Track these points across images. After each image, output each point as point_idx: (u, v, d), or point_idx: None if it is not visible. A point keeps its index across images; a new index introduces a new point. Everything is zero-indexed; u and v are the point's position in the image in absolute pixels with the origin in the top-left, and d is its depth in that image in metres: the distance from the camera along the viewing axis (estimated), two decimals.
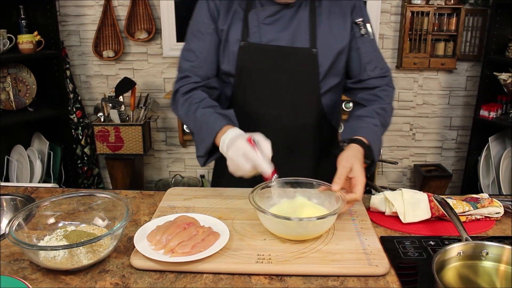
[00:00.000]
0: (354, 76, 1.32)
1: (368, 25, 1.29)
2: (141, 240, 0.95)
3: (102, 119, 3.01)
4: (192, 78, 1.28)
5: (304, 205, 1.07)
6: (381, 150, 3.04)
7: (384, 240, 1.01)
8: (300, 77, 1.27)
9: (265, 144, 1.05)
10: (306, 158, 1.35)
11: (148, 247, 0.93)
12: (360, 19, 1.28)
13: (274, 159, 1.12)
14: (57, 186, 1.46)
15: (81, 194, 1.06)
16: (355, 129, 1.20)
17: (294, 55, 1.25)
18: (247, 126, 1.23)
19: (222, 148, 1.10)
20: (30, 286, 0.81)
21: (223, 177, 1.35)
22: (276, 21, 1.24)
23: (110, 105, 2.97)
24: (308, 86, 1.28)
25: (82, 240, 0.92)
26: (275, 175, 1.05)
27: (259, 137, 1.07)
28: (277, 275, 0.88)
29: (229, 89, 1.34)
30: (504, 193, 2.72)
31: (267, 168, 1.03)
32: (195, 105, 1.23)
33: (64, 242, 0.93)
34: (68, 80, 3.06)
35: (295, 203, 1.09)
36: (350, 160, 1.07)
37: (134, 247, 0.93)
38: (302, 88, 1.28)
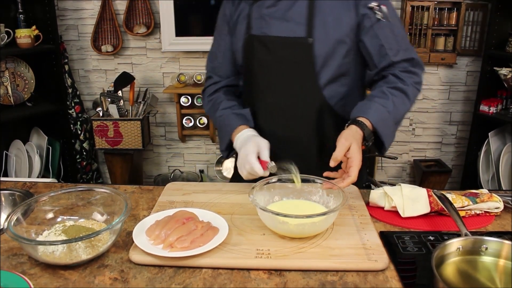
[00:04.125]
0: (376, 66, 1.26)
1: (384, 8, 1.21)
2: (140, 235, 0.95)
3: (101, 114, 3.00)
4: (214, 78, 1.42)
5: (303, 204, 1.07)
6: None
7: (383, 235, 1.00)
8: (297, 68, 1.26)
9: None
10: (307, 150, 1.31)
11: (147, 242, 0.93)
12: (375, 3, 1.21)
13: (276, 148, 1.24)
14: (56, 181, 1.45)
15: (80, 189, 1.06)
16: (362, 110, 1.19)
17: (290, 45, 1.24)
18: (252, 114, 1.35)
19: (235, 146, 1.25)
20: (28, 281, 0.81)
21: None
22: (275, 12, 1.24)
23: (109, 99, 2.96)
24: (305, 76, 1.26)
25: (81, 235, 0.92)
26: (270, 163, 1.14)
27: (265, 152, 1.17)
28: (276, 270, 0.88)
29: (241, 80, 1.40)
30: (503, 188, 2.72)
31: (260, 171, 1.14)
32: (216, 106, 1.37)
33: (63, 237, 0.93)
34: (66, 74, 3.05)
35: (295, 202, 1.09)
36: (350, 139, 1.09)
37: (133, 242, 0.93)
38: (299, 78, 1.26)
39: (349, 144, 1.08)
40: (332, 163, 1.07)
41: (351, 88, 1.31)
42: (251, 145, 1.16)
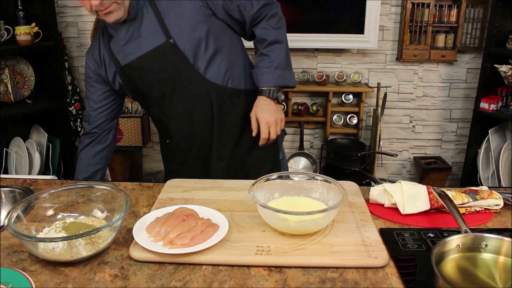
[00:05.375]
0: (245, 23, 1.41)
1: None
2: (140, 232, 0.95)
3: None
4: (88, 125, 1.54)
5: (304, 201, 1.07)
6: (381, 140, 3.03)
7: (383, 232, 1.01)
8: (175, 70, 1.36)
9: None
10: (217, 137, 1.45)
11: (147, 239, 0.93)
12: None
13: (189, 146, 1.47)
14: (56, 178, 1.45)
15: (80, 186, 1.06)
16: (257, 80, 1.41)
17: (158, 55, 1.35)
18: (160, 129, 1.56)
19: None
20: (29, 278, 0.81)
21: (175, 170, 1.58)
22: (130, 36, 1.36)
23: None
24: (186, 74, 1.37)
25: (81, 232, 0.92)
26: None
27: None
28: (276, 267, 0.88)
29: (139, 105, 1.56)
30: (503, 186, 2.72)
31: None
32: (78, 164, 1.55)
33: (63, 234, 0.93)
34: (66, 72, 3.04)
35: (295, 199, 1.09)
36: (253, 110, 1.39)
37: (133, 239, 0.93)
38: (182, 78, 1.38)
39: (254, 115, 1.37)
40: (254, 134, 1.39)
41: (230, 59, 1.43)
42: None
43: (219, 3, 1.35)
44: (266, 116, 1.36)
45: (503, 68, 2.70)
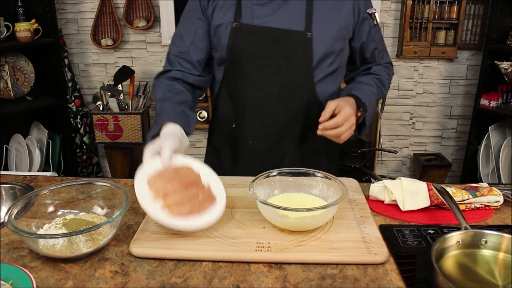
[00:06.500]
0: (367, 63, 1.37)
1: (377, 15, 1.33)
2: (143, 183, 0.98)
3: (101, 108, 3.00)
4: (178, 65, 1.30)
5: (304, 197, 1.07)
6: (381, 137, 3.04)
7: (383, 229, 1.01)
8: (292, 61, 1.24)
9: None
10: (292, 146, 1.32)
11: (147, 193, 0.95)
12: (373, 10, 1.31)
13: (258, 142, 1.31)
14: (56, 174, 1.46)
15: (80, 182, 1.06)
16: (350, 89, 1.28)
17: (286, 38, 1.22)
18: (235, 108, 1.32)
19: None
20: (29, 274, 0.81)
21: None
22: (270, 2, 1.21)
23: (109, 93, 2.95)
24: (300, 71, 1.24)
25: (81, 228, 0.92)
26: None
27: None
28: (276, 263, 0.88)
29: (220, 72, 1.32)
30: (503, 182, 2.72)
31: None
32: (170, 93, 1.25)
33: (63, 230, 0.93)
34: (66, 68, 3.04)
35: (295, 196, 1.09)
36: (337, 100, 1.16)
37: (133, 235, 0.93)
38: (294, 72, 1.25)
39: (336, 103, 1.13)
40: (321, 118, 1.12)
41: (339, 85, 1.36)
42: (173, 140, 1.10)
43: (363, 36, 1.30)
44: (349, 112, 1.13)
45: (503, 65, 2.70)
